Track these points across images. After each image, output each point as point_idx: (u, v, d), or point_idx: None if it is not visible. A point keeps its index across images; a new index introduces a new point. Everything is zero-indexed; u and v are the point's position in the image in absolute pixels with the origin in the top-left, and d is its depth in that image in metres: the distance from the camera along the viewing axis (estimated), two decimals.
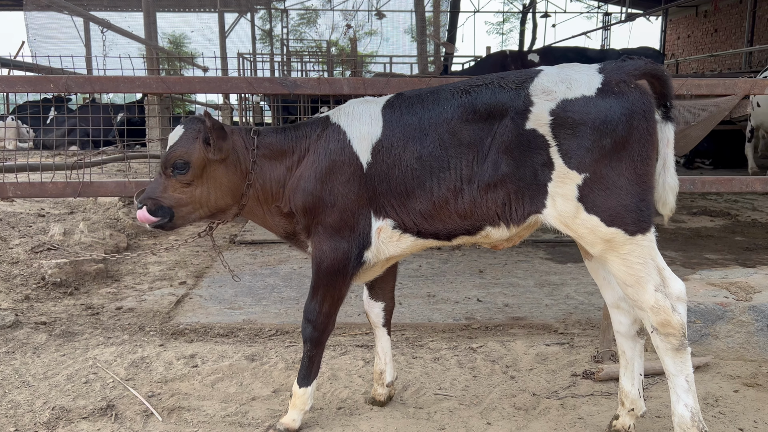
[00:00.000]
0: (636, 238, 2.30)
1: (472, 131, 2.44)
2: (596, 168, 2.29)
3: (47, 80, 3.42)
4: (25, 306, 4.39)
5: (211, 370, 3.32)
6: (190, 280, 5.14)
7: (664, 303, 2.31)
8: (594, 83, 2.33)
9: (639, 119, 2.29)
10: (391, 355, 3.00)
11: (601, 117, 2.28)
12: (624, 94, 2.30)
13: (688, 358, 2.37)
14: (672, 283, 2.36)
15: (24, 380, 3.21)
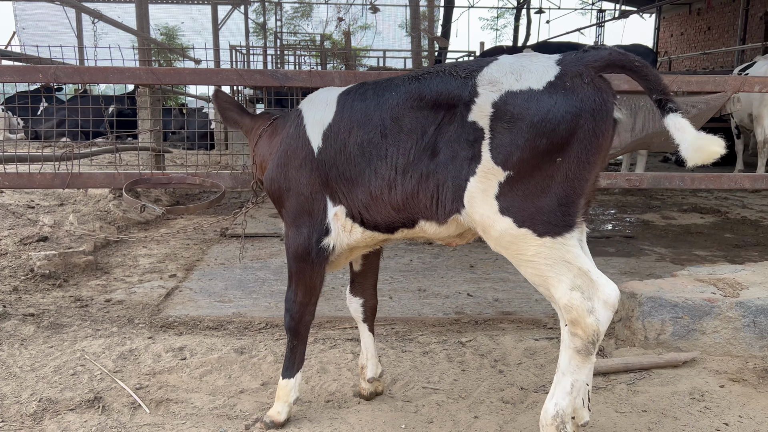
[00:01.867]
0: (544, 240, 2.15)
1: (415, 119, 2.32)
2: (522, 167, 2.12)
3: (36, 70, 3.39)
4: (13, 297, 4.36)
5: (200, 362, 3.32)
6: (180, 272, 5.12)
7: (580, 303, 2.16)
8: (546, 76, 2.12)
9: (586, 119, 2.07)
10: (374, 352, 2.98)
11: (542, 114, 2.08)
12: (574, 90, 2.08)
13: (587, 365, 2.23)
14: (602, 288, 2.18)
15: (11, 372, 3.19)
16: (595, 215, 8.11)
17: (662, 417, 2.76)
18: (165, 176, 3.82)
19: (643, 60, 2.14)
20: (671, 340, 3.40)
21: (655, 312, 3.41)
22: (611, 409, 2.84)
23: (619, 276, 5.13)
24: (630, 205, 8.78)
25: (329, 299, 4.45)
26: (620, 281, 4.67)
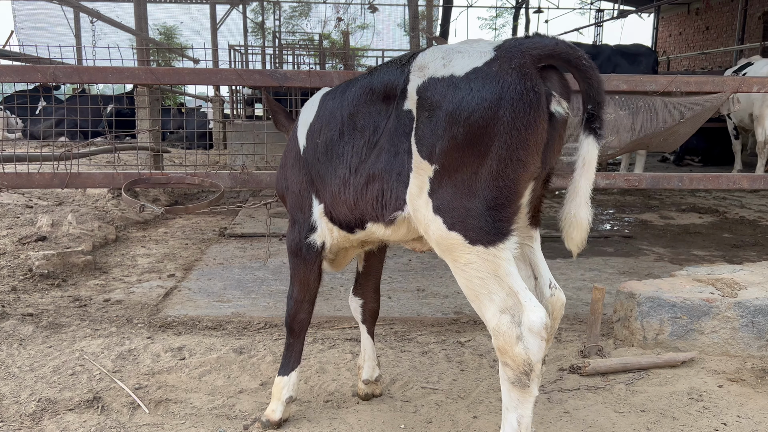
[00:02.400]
0: (476, 249, 2.00)
1: (368, 115, 2.25)
2: (446, 161, 1.98)
3: (34, 69, 3.39)
4: (12, 297, 4.36)
5: (199, 362, 3.32)
6: (179, 272, 5.12)
7: (508, 329, 1.99)
8: (475, 62, 1.96)
9: (506, 109, 1.88)
10: (371, 354, 2.97)
11: (456, 101, 1.93)
12: (495, 77, 1.90)
13: (527, 399, 2.04)
14: (529, 312, 1.98)
15: (10, 372, 3.19)
16: (594, 215, 8.11)
17: (661, 417, 2.77)
18: (164, 176, 3.82)
19: (591, 61, 1.95)
20: (670, 340, 3.40)
21: (653, 312, 3.41)
22: (610, 409, 2.85)
23: (618, 276, 5.13)
24: (628, 205, 8.78)
25: (328, 299, 4.45)
26: (619, 281, 4.69)
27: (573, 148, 3.97)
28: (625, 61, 10.45)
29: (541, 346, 2.00)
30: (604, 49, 10.82)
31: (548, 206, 8.58)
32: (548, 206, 8.58)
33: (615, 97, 3.86)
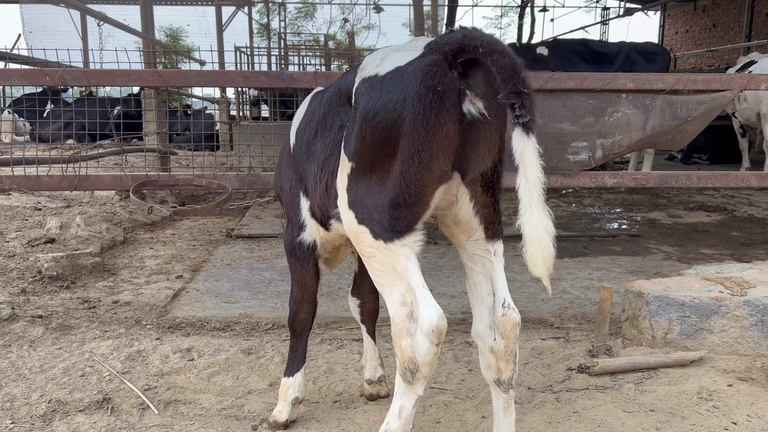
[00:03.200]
0: (378, 243, 2.04)
1: (336, 115, 2.30)
2: (360, 159, 2.02)
3: (43, 73, 3.41)
4: (22, 299, 4.39)
5: (208, 363, 3.33)
6: (187, 273, 5.14)
7: (401, 321, 2.04)
8: (399, 61, 1.95)
9: (409, 110, 1.86)
10: (372, 354, 2.97)
11: (367, 102, 1.97)
12: (404, 77, 1.90)
13: (410, 394, 2.07)
14: (422, 312, 2.00)
15: (20, 373, 3.21)
16: (601, 214, 8.09)
17: (670, 416, 2.76)
18: (172, 178, 3.84)
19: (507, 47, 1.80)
20: (678, 340, 3.39)
21: (662, 311, 3.40)
22: (619, 408, 2.84)
23: (626, 275, 5.12)
24: (636, 204, 8.75)
25: (335, 299, 4.46)
26: (627, 280, 4.67)
27: (580, 146, 3.97)
28: (643, 59, 10.51)
29: (430, 349, 1.99)
30: (623, 47, 10.85)
31: (553, 206, 8.56)
32: (553, 206, 8.56)
33: (622, 95, 3.85)
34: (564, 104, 3.85)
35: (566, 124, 3.87)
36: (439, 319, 1.99)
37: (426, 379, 2.07)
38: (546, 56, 10.62)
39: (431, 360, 2.02)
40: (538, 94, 3.78)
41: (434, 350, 2.01)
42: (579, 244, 6.27)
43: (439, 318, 1.99)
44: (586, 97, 3.85)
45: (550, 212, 1.85)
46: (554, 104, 3.84)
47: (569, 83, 3.76)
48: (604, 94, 3.84)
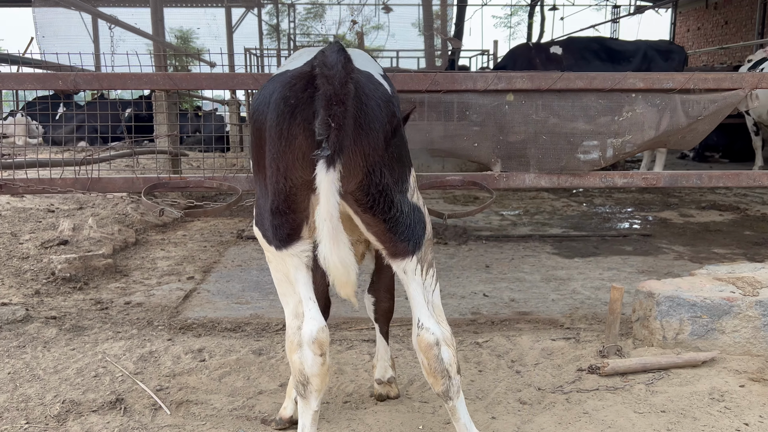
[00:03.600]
0: (271, 248, 2.06)
1: None
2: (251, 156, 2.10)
3: (56, 77, 3.45)
4: (36, 301, 4.44)
5: (219, 364, 3.35)
6: (198, 275, 5.17)
7: (292, 335, 2.07)
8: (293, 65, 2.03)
9: (270, 115, 1.91)
10: (383, 354, 2.98)
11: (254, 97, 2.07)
12: (275, 81, 1.98)
13: (306, 409, 2.12)
14: (304, 324, 2.03)
15: (35, 374, 3.25)
16: (611, 213, 8.05)
17: (681, 417, 2.75)
18: (183, 179, 3.87)
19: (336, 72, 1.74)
20: (690, 340, 3.37)
21: (673, 311, 3.38)
22: (629, 409, 2.83)
23: (637, 275, 5.09)
24: (647, 203, 8.70)
25: (345, 300, 4.46)
26: (637, 280, 4.65)
27: (590, 146, 3.96)
28: (660, 57, 10.46)
29: (315, 360, 2.03)
30: (640, 45, 10.80)
31: (565, 205, 8.53)
32: (565, 205, 8.53)
33: (632, 94, 3.83)
34: (573, 104, 3.84)
35: (577, 123, 3.87)
36: (318, 331, 2.01)
37: (319, 392, 2.10)
38: (560, 55, 10.57)
39: (319, 372, 2.05)
40: (549, 94, 3.77)
41: (320, 361, 2.03)
42: (589, 244, 6.25)
43: (319, 330, 2.01)
44: (597, 97, 3.84)
45: (346, 243, 1.84)
46: (564, 104, 3.84)
47: (578, 83, 3.75)
48: (615, 93, 3.83)
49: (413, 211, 2.08)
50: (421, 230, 2.09)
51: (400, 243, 2.04)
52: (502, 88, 3.73)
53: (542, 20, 25.86)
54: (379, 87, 1.98)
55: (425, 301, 2.13)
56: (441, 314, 2.19)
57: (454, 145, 3.92)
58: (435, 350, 2.10)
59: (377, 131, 1.89)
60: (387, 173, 1.96)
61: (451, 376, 2.13)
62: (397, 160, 2.03)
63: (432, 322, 2.12)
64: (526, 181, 3.87)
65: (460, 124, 3.93)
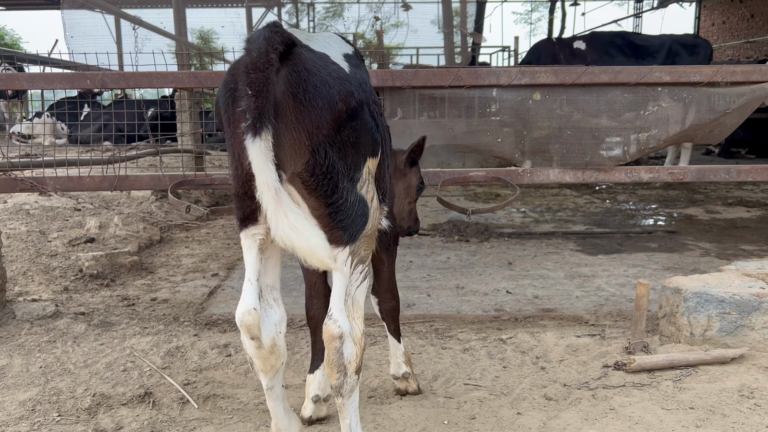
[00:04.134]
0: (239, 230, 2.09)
1: None
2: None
3: (84, 77, 3.51)
4: (65, 297, 4.52)
5: (244, 359, 3.39)
6: (222, 271, 5.22)
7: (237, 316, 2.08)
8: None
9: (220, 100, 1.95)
10: (393, 350, 2.97)
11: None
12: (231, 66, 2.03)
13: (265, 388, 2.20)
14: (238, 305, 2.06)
15: (66, 368, 3.31)
16: (636, 210, 7.96)
17: (710, 414, 2.71)
18: (208, 177, 3.91)
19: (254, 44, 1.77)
20: (718, 337, 3.33)
21: (700, 308, 3.34)
22: (657, 405, 2.80)
23: (662, 271, 5.03)
24: (672, 200, 8.59)
25: (367, 297, 4.47)
26: (663, 277, 4.60)
27: (614, 141, 3.92)
28: (685, 51, 10.30)
29: (248, 343, 2.06)
30: (666, 39, 10.64)
31: (588, 202, 8.45)
32: (588, 202, 8.45)
33: (658, 88, 3.78)
34: (598, 99, 3.80)
35: (601, 118, 3.83)
36: (243, 313, 2.02)
37: (265, 373, 2.13)
38: (584, 50, 10.46)
39: (256, 354, 2.07)
40: (573, 88, 3.74)
41: (253, 344, 2.06)
42: (614, 241, 6.19)
43: (244, 313, 2.02)
44: (622, 91, 3.80)
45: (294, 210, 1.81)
46: (589, 99, 3.80)
47: (603, 77, 3.72)
48: (640, 87, 3.79)
49: (358, 202, 2.02)
50: (361, 223, 2.05)
51: (336, 231, 2.01)
52: (526, 83, 3.70)
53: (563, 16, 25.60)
54: (329, 65, 1.94)
55: (344, 294, 2.09)
56: (359, 311, 2.15)
57: (477, 141, 3.91)
58: (336, 343, 2.07)
59: (321, 108, 1.85)
60: (335, 156, 1.92)
61: (347, 374, 2.09)
62: (352, 145, 1.97)
63: (342, 316, 2.08)
64: (551, 176, 3.84)
65: (483, 119, 3.92)
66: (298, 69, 1.83)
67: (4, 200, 7.77)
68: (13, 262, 5.31)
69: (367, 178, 2.07)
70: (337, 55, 2.04)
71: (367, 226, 2.09)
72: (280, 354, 2.12)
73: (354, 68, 2.05)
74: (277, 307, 2.17)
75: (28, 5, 24.79)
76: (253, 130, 1.68)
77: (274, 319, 2.13)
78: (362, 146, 2.02)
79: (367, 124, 2.03)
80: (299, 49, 1.87)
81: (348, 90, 1.93)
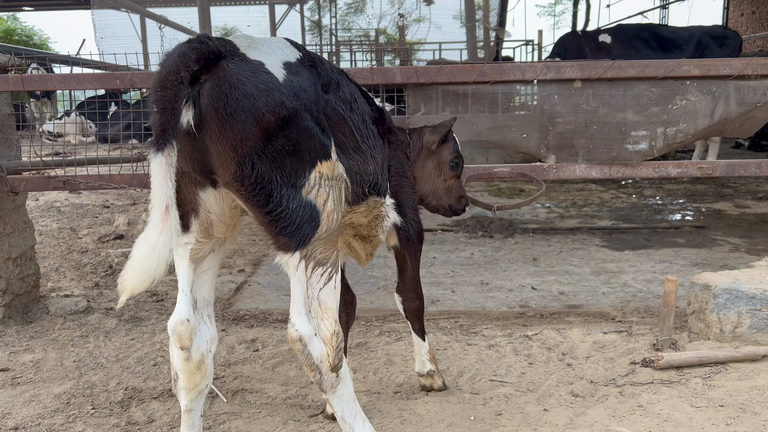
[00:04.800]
0: None
1: None
2: None
3: (113, 77, 3.58)
4: (96, 293, 4.62)
5: (272, 354, 3.43)
6: (248, 267, 5.29)
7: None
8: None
9: None
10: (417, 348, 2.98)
11: None
12: None
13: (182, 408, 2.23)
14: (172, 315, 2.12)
15: (98, 362, 3.39)
16: (663, 205, 7.85)
17: (741, 412, 2.68)
18: None
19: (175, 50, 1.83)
20: (749, 333, 3.28)
21: (730, 304, 3.29)
22: (686, 403, 2.78)
23: (690, 267, 4.97)
24: (700, 194, 8.45)
25: (392, 292, 4.49)
26: (691, 272, 4.54)
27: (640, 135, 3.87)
28: (715, 43, 10.10)
29: (177, 354, 2.09)
30: (694, 32, 10.44)
31: (614, 197, 8.36)
32: (614, 197, 8.36)
33: (686, 82, 3.73)
34: (625, 93, 3.76)
35: (627, 113, 3.78)
36: (176, 323, 2.06)
37: (187, 391, 2.14)
38: (609, 44, 10.30)
39: (183, 366, 2.10)
40: (599, 83, 3.70)
41: (181, 355, 2.08)
42: (640, 236, 6.12)
43: (177, 323, 2.06)
44: (649, 85, 3.75)
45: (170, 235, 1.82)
46: (615, 93, 3.76)
47: (630, 71, 3.67)
48: (668, 81, 3.73)
49: (302, 207, 2.00)
50: (310, 228, 2.03)
51: (281, 237, 2.02)
52: (552, 78, 3.68)
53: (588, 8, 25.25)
54: (258, 76, 1.91)
55: (303, 297, 2.09)
56: (327, 311, 2.13)
57: (501, 137, 3.89)
58: (299, 345, 2.09)
59: (245, 122, 1.85)
60: (267, 166, 1.91)
61: (322, 372, 2.10)
62: (290, 153, 1.95)
63: (299, 320, 2.09)
64: (577, 171, 3.80)
65: (508, 114, 3.90)
66: (221, 83, 1.84)
67: (36, 198, 7.96)
68: (46, 258, 5.44)
69: (317, 183, 2.03)
70: (275, 63, 2.00)
71: (319, 230, 2.05)
72: (206, 373, 2.14)
73: (292, 75, 2.01)
74: (210, 324, 2.20)
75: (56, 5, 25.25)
76: (155, 146, 1.74)
77: (206, 336, 2.16)
78: (304, 152, 1.99)
79: (308, 130, 1.99)
80: (226, 61, 1.87)
81: (277, 100, 1.90)
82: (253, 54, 1.97)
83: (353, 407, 2.24)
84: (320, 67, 2.23)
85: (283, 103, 1.92)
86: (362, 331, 3.77)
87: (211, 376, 2.19)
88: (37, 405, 2.91)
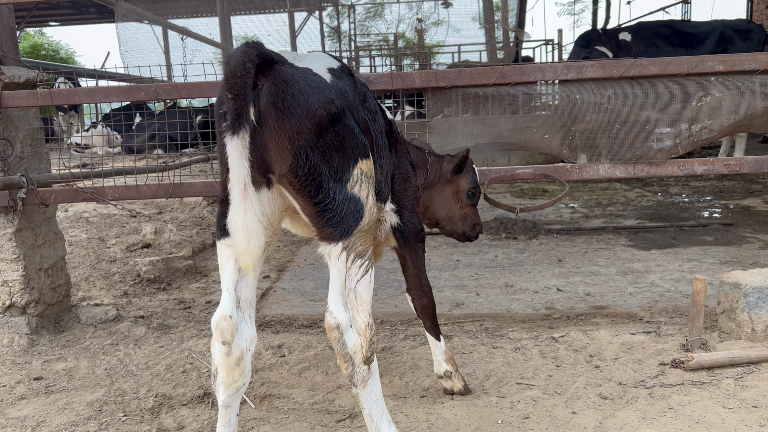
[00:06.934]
0: (216, 239, 2.23)
1: None
2: None
3: (138, 89, 3.65)
4: (125, 301, 4.70)
5: (298, 359, 3.46)
6: (273, 273, 5.33)
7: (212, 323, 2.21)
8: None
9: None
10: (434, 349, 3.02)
11: None
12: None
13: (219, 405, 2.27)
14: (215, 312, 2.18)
15: (128, 370, 3.45)
16: (689, 202, 7.73)
17: None
18: None
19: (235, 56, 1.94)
20: None
21: (762, 303, 3.23)
22: (718, 404, 2.73)
23: (719, 265, 4.88)
24: (728, 191, 8.30)
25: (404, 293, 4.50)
26: (721, 271, 4.46)
27: (664, 133, 3.82)
28: (739, 36, 9.93)
29: (220, 349, 2.13)
30: (717, 25, 10.27)
31: (639, 196, 8.25)
32: (639, 196, 8.25)
33: (711, 78, 3.67)
34: (648, 91, 3.72)
35: (650, 111, 3.74)
36: (219, 318, 2.12)
37: (226, 386, 2.18)
38: (629, 42, 10.18)
39: (224, 362, 2.14)
40: (621, 81, 3.67)
41: (223, 350, 2.13)
42: (667, 235, 6.03)
43: (220, 318, 2.12)
44: (672, 82, 3.70)
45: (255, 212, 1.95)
46: (637, 91, 3.72)
47: (653, 69, 3.62)
48: (692, 77, 3.68)
49: (348, 200, 2.13)
50: (353, 220, 2.16)
51: (327, 228, 2.14)
52: (572, 78, 3.65)
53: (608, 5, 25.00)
54: (309, 77, 2.09)
55: (342, 287, 2.20)
56: (363, 304, 2.22)
57: (523, 138, 3.87)
58: (335, 333, 2.17)
59: (300, 116, 2.00)
60: (318, 158, 2.06)
61: (355, 363, 2.18)
62: (337, 149, 2.10)
63: (337, 308, 2.19)
64: (600, 171, 3.77)
65: (529, 116, 3.88)
66: (278, 81, 2.00)
67: (66, 209, 8.12)
68: (76, 268, 5.55)
69: (359, 179, 2.18)
70: (320, 68, 2.18)
71: (362, 222, 2.19)
72: (244, 371, 2.19)
73: (336, 79, 2.19)
74: (251, 325, 2.25)
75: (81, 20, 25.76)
76: (231, 129, 1.86)
77: (246, 335, 2.21)
78: (349, 149, 2.14)
79: (351, 129, 2.16)
80: (279, 65, 2.04)
81: (327, 97, 2.08)
82: (300, 63, 2.14)
83: (381, 406, 2.29)
84: (356, 77, 2.41)
85: (333, 100, 2.10)
86: (387, 336, 3.78)
87: (249, 375, 2.23)
88: (71, 413, 2.97)
